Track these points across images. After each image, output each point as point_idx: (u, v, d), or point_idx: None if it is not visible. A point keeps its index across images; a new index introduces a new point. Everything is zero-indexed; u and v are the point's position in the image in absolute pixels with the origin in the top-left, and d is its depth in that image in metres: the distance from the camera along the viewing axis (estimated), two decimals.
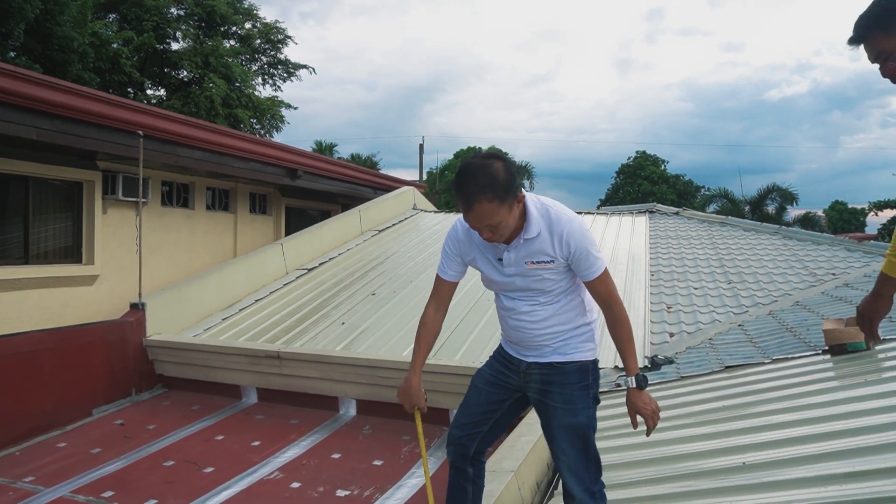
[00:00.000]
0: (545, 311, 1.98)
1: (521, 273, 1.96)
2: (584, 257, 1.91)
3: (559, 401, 1.96)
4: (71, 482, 4.07)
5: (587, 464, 1.94)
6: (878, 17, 1.61)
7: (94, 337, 5.32)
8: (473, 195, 1.79)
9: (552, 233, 1.91)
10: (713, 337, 5.20)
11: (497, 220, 1.81)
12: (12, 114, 5.22)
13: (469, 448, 2.10)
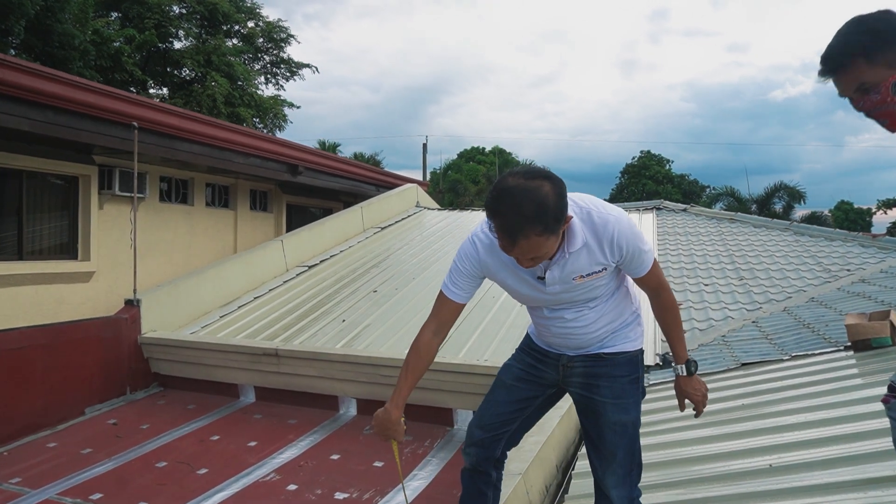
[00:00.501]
0: (594, 313, 1.77)
1: (568, 289, 1.71)
2: (636, 256, 1.69)
3: (608, 395, 1.75)
4: (59, 483, 3.91)
5: (632, 467, 1.76)
6: (862, 45, 1.40)
7: (88, 333, 5.16)
8: (518, 229, 1.48)
9: (600, 239, 1.64)
10: (726, 334, 5.01)
11: (544, 251, 1.55)
12: (3, 104, 5.08)
13: (495, 450, 1.88)
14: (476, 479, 1.88)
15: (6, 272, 6.05)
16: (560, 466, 3.04)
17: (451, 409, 4.85)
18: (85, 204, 6.88)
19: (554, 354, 1.84)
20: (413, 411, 4.83)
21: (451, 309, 1.81)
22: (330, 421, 5.01)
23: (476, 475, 1.88)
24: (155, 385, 5.75)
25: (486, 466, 1.87)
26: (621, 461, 1.72)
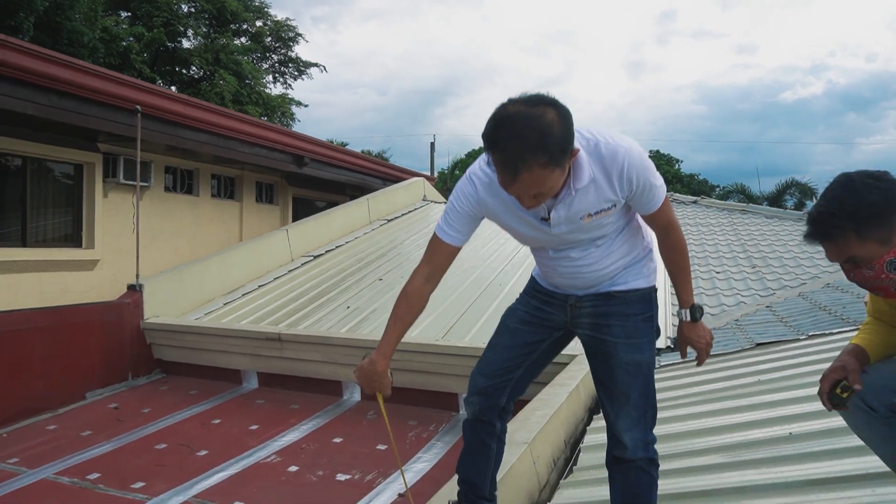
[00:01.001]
0: (601, 251, 1.64)
1: (576, 229, 1.57)
2: (647, 191, 1.54)
3: (620, 335, 1.63)
4: (56, 464, 3.84)
5: (646, 409, 1.63)
6: (853, 219, 1.32)
7: (90, 317, 5.11)
8: (520, 159, 1.33)
9: (609, 173, 1.49)
10: (739, 318, 4.89)
11: (548, 186, 1.39)
12: (7, 87, 5.04)
13: (499, 398, 1.75)
14: (479, 430, 1.76)
15: (9, 258, 6.01)
16: (568, 442, 2.94)
17: (456, 395, 4.74)
18: (89, 192, 6.84)
19: (561, 295, 1.72)
20: (418, 396, 4.77)
21: (445, 253, 1.66)
22: (333, 406, 4.92)
23: (479, 425, 1.77)
24: (157, 371, 5.68)
25: (490, 416, 1.75)
26: (635, 402, 1.60)
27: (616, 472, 1.65)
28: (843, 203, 1.35)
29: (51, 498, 3.43)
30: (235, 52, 19.39)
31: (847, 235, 1.35)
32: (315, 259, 7.65)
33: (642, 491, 1.60)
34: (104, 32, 15.63)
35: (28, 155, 6.19)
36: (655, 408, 1.69)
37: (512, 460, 2.18)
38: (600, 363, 1.66)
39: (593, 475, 2.30)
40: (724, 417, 2.57)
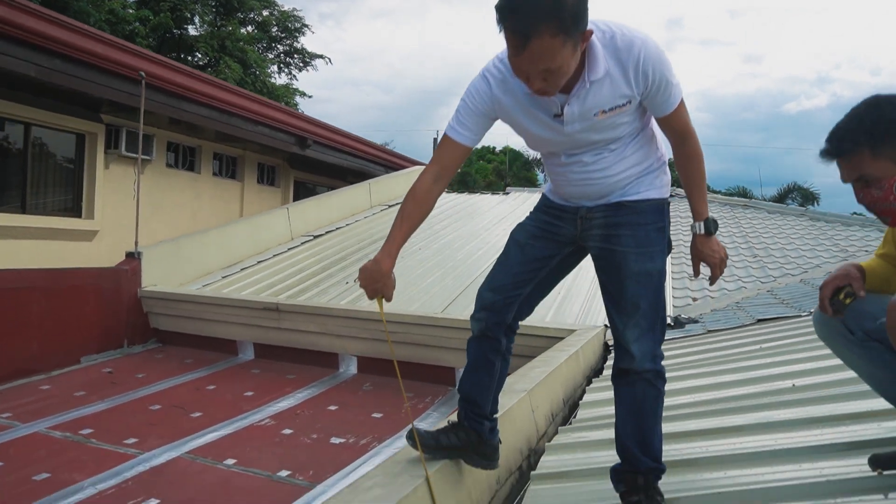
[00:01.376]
0: (614, 156, 1.57)
1: (589, 128, 1.50)
2: (663, 88, 1.46)
3: (631, 244, 1.56)
4: (49, 419, 3.81)
5: (656, 320, 1.57)
6: (869, 135, 1.30)
7: (87, 281, 5.07)
8: (531, 24, 1.26)
9: (625, 65, 1.41)
10: (740, 301, 4.86)
11: (558, 63, 1.31)
12: (10, 47, 5.01)
13: (506, 315, 1.69)
14: (484, 346, 1.70)
15: (8, 223, 5.98)
16: (567, 402, 2.91)
17: (453, 369, 4.71)
18: (91, 162, 6.81)
19: (572, 208, 1.67)
20: (415, 370, 4.74)
21: (455, 152, 1.60)
22: (329, 378, 4.89)
23: (484, 341, 1.70)
24: (153, 341, 5.65)
25: (497, 332, 1.68)
26: (645, 313, 1.54)
27: (622, 385, 1.60)
28: (862, 120, 1.33)
29: (42, 449, 3.40)
30: (241, 41, 19.37)
31: (862, 152, 1.32)
32: (315, 239, 7.62)
33: (648, 404, 1.55)
34: (110, 14, 15.63)
35: (30, 121, 6.16)
36: (665, 321, 1.63)
37: (510, 404, 2.15)
38: (610, 276, 1.60)
39: (593, 425, 2.27)
40: (727, 376, 2.54)
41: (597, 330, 4.24)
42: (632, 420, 1.56)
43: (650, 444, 1.54)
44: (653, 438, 1.54)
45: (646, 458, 1.52)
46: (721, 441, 1.79)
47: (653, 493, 1.48)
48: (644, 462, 1.51)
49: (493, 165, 31.08)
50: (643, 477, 1.50)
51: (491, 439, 1.69)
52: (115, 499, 2.88)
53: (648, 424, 1.55)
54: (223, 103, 7.22)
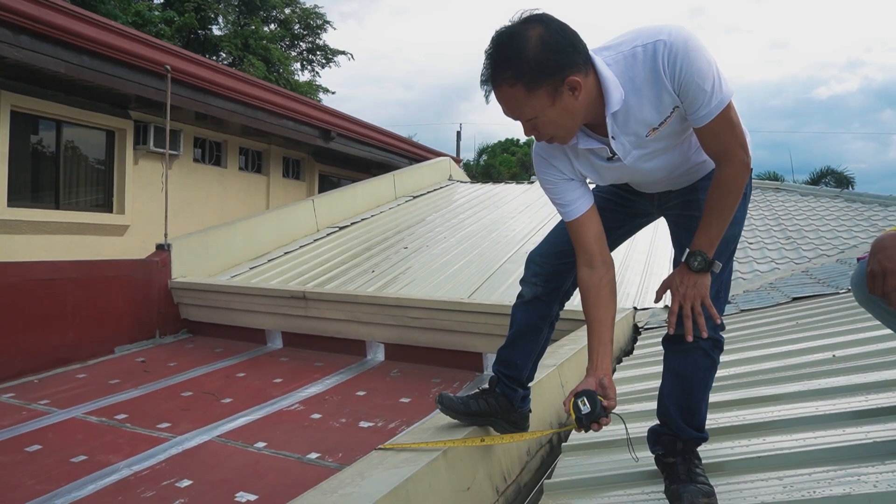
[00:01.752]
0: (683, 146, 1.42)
1: (650, 148, 1.37)
2: (691, 92, 1.26)
3: None
4: (85, 406, 3.90)
5: (720, 288, 1.45)
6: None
7: (119, 272, 5.17)
8: (491, 75, 1.26)
9: (657, 73, 1.26)
10: (774, 281, 4.73)
11: (530, 113, 1.26)
12: (39, 44, 5.11)
13: (564, 281, 1.60)
14: (533, 312, 1.63)
15: (42, 219, 6.12)
16: None
17: (480, 354, 4.69)
18: (120, 158, 6.94)
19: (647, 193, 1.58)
20: (443, 356, 4.72)
21: (586, 227, 1.45)
22: (357, 364, 4.91)
23: (535, 307, 1.62)
24: (184, 331, 5.74)
25: (551, 298, 1.61)
26: (714, 277, 1.40)
27: (674, 351, 1.47)
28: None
29: (79, 433, 3.47)
30: (265, 40, 19.55)
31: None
32: (340, 230, 7.65)
33: (700, 374, 1.44)
34: (137, 16, 15.89)
35: (61, 118, 6.29)
36: (729, 289, 1.53)
37: (540, 377, 2.11)
38: (686, 239, 1.45)
39: (625, 399, 2.22)
40: (763, 350, 2.47)
41: (626, 312, 4.17)
42: (680, 388, 1.46)
43: (695, 413, 1.46)
44: (699, 408, 1.46)
45: (688, 427, 1.45)
46: (759, 409, 1.73)
47: (690, 456, 1.43)
48: (686, 431, 1.44)
49: (517, 157, 30.91)
50: (682, 442, 1.44)
51: (522, 407, 1.66)
52: (150, 479, 2.93)
53: (697, 395, 1.45)
54: (248, 97, 7.28)
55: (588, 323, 1.46)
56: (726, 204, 1.36)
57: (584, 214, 1.46)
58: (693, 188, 1.51)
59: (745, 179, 1.37)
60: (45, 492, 2.80)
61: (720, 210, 1.36)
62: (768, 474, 1.35)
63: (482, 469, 1.55)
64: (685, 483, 1.35)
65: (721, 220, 1.38)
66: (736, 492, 1.31)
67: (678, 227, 1.55)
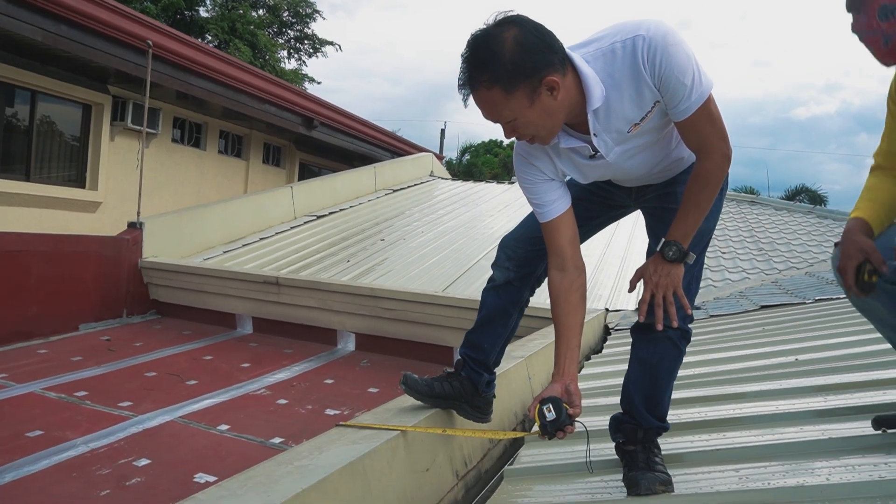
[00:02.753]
0: (664, 141, 1.43)
1: (629, 143, 1.37)
2: (672, 87, 1.26)
3: None
4: (44, 381, 3.80)
5: (692, 279, 1.45)
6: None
7: (88, 248, 5.06)
8: (468, 79, 1.26)
9: (636, 68, 1.26)
10: (744, 290, 4.81)
11: (509, 115, 1.26)
12: (16, 10, 4.97)
13: (537, 267, 1.60)
14: (504, 296, 1.62)
15: (13, 190, 5.96)
16: None
17: (451, 348, 4.68)
18: (96, 133, 6.79)
19: (625, 187, 1.58)
20: (413, 348, 4.71)
21: (557, 231, 1.45)
22: (327, 353, 4.87)
23: (507, 290, 1.62)
24: (153, 312, 5.64)
25: (523, 283, 1.62)
26: (688, 268, 1.40)
27: (642, 340, 1.48)
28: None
29: (36, 408, 3.38)
30: (252, 25, 19.32)
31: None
32: (318, 219, 7.59)
33: (666, 364, 1.44)
34: None
35: (37, 89, 6.13)
36: (699, 281, 1.53)
37: (507, 367, 2.12)
38: (661, 230, 1.45)
39: (591, 394, 2.23)
40: (729, 353, 2.50)
41: (597, 313, 4.20)
42: (646, 377, 1.47)
43: (659, 403, 1.47)
44: (663, 398, 1.47)
45: (651, 416, 1.46)
46: (720, 406, 1.75)
47: (650, 445, 1.43)
48: (648, 420, 1.45)
49: (499, 158, 31.02)
50: (643, 431, 1.45)
51: (486, 392, 1.66)
52: (107, 457, 2.86)
53: (661, 385, 1.46)
54: (230, 79, 7.18)
55: (556, 328, 1.45)
56: (704, 196, 1.37)
57: (561, 216, 1.46)
58: (672, 181, 1.52)
59: (724, 172, 1.37)
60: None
61: (697, 202, 1.37)
62: (725, 467, 1.36)
63: (442, 452, 1.54)
64: (643, 470, 1.35)
65: (698, 211, 1.38)
66: (693, 482, 1.32)
67: (654, 219, 1.55)
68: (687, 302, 1.41)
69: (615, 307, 4.69)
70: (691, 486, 1.29)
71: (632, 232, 7.01)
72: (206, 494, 0.99)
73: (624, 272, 5.61)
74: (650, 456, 1.40)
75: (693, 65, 1.27)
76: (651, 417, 1.45)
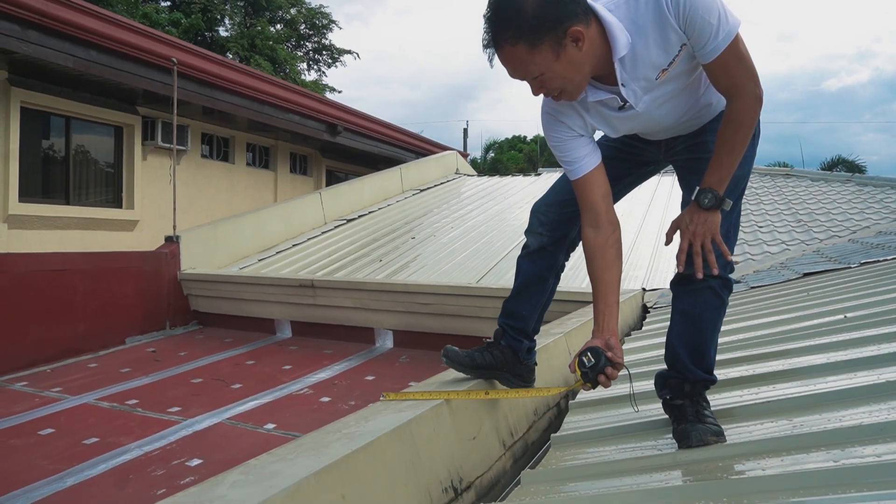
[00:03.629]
0: (693, 86, 1.41)
1: (662, 90, 1.36)
2: (697, 27, 1.24)
3: None
4: (97, 392, 3.93)
5: (730, 228, 1.42)
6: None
7: (129, 264, 5.20)
8: (492, 38, 1.26)
9: (661, 13, 1.25)
10: (785, 261, 4.69)
11: (535, 70, 1.26)
12: (48, 39, 5.16)
13: (571, 230, 1.58)
14: (539, 262, 1.61)
15: (54, 214, 6.17)
16: None
17: None
18: (129, 153, 6.98)
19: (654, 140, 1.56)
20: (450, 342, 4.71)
21: (589, 186, 1.43)
22: (366, 352, 4.91)
23: (542, 256, 1.60)
24: (194, 323, 5.76)
25: (557, 247, 1.60)
26: (724, 216, 1.37)
27: (682, 292, 1.44)
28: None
29: (90, 418, 3.49)
30: (271, 40, 19.65)
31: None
32: (348, 222, 7.66)
33: (709, 314, 1.41)
34: (144, 18, 16.00)
35: (71, 115, 6.34)
36: (738, 230, 1.51)
37: (547, 342, 2.11)
38: (695, 181, 1.42)
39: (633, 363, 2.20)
40: (774, 317, 2.44)
41: (634, 292, 4.14)
42: (689, 329, 1.43)
43: (705, 355, 1.43)
44: (708, 350, 1.44)
45: (697, 368, 1.42)
46: (770, 362, 1.71)
47: (698, 398, 1.41)
48: (694, 373, 1.42)
49: (524, 153, 30.88)
50: (690, 385, 1.42)
51: (527, 360, 1.65)
52: (160, 459, 2.94)
53: (706, 335, 1.43)
54: (254, 91, 7.31)
55: (594, 285, 1.44)
56: (738, 139, 1.34)
57: (592, 172, 1.43)
58: (701, 130, 1.49)
59: (756, 113, 1.34)
60: (58, 471, 2.82)
61: (731, 146, 1.34)
62: (778, 418, 1.33)
63: (488, 421, 1.54)
64: (693, 423, 1.33)
65: (732, 156, 1.35)
66: (746, 433, 1.29)
67: (687, 171, 1.52)
68: (727, 249, 1.38)
69: (652, 286, 4.62)
70: (744, 438, 1.26)
71: (664, 211, 6.89)
72: (259, 460, 1.01)
73: (659, 250, 5.53)
74: (699, 409, 1.37)
75: (718, 3, 1.25)
76: (698, 370, 1.42)
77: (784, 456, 1.09)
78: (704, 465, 1.17)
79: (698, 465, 1.19)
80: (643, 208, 7.23)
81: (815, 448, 1.09)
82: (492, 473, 1.46)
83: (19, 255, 4.42)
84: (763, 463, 1.10)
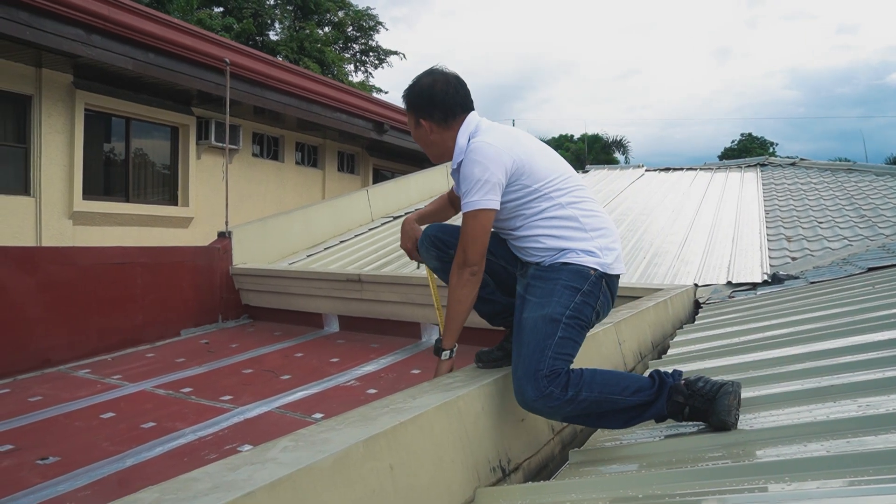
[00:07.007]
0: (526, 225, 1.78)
1: None
2: (463, 183, 1.66)
3: (537, 294, 1.59)
4: (154, 380, 4.07)
5: (543, 350, 1.43)
6: None
7: (184, 258, 5.38)
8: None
9: None
10: (846, 257, 4.48)
11: (415, 135, 1.77)
12: (110, 42, 5.38)
13: None
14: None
15: (115, 211, 6.43)
16: (656, 346, 2.78)
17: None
18: (184, 152, 7.22)
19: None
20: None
21: None
22: (412, 346, 4.94)
23: None
24: (245, 317, 5.91)
25: None
26: (525, 356, 1.42)
27: None
28: None
29: (148, 404, 3.63)
30: (319, 43, 20.02)
31: None
32: (395, 220, 7.73)
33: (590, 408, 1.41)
34: (198, 24, 16.57)
35: (130, 115, 6.59)
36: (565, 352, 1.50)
37: (596, 331, 2.07)
38: (515, 320, 1.78)
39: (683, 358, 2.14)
40: (835, 309, 2.33)
41: (686, 287, 4.04)
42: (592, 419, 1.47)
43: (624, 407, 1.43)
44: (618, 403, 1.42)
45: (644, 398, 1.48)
46: (834, 359, 1.63)
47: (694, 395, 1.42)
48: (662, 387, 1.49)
49: (570, 152, 30.55)
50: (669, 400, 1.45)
51: None
52: (213, 444, 3.03)
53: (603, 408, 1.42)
54: (303, 90, 7.46)
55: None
56: (450, 295, 1.83)
57: None
58: (540, 271, 1.71)
59: (455, 275, 1.75)
60: (118, 452, 2.93)
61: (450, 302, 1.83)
62: (845, 400, 1.27)
63: None
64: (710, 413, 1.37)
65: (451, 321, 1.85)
66: (807, 415, 1.24)
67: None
68: None
69: (704, 282, 4.49)
70: (804, 418, 1.21)
71: (716, 213, 6.69)
72: (308, 430, 1.02)
73: (712, 248, 5.37)
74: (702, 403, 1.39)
75: (481, 174, 1.64)
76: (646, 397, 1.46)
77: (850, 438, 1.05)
78: (739, 448, 1.15)
79: (737, 447, 1.16)
80: (695, 205, 7.04)
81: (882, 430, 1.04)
82: (540, 457, 1.44)
83: (84, 248, 4.63)
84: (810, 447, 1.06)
